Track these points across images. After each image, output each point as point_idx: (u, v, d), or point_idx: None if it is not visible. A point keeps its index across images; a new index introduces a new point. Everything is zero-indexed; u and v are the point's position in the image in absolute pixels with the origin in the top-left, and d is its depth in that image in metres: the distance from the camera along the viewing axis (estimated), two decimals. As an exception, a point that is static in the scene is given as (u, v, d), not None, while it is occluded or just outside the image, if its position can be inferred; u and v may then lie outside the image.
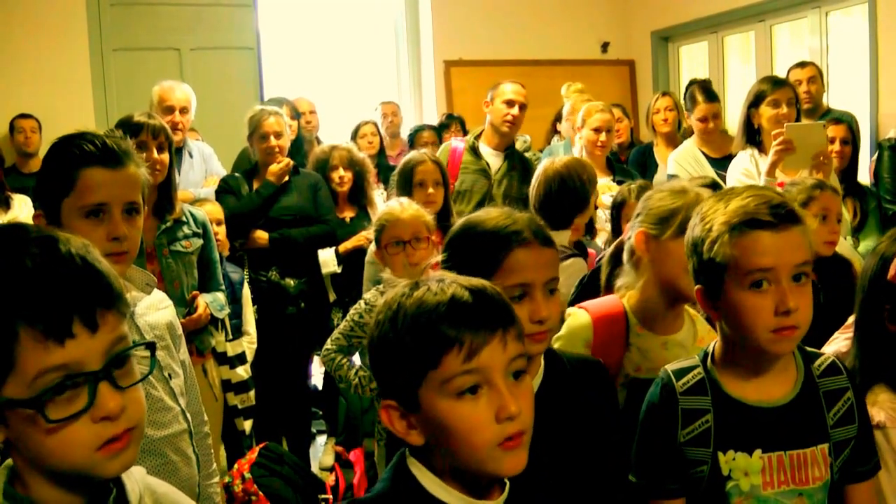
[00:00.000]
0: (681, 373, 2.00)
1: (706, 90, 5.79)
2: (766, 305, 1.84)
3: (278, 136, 5.15)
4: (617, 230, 4.03)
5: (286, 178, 5.11)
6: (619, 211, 4.08)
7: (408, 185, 4.56)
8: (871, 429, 2.06)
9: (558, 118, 7.20)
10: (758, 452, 1.91)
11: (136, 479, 1.44)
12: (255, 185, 5.15)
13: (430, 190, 4.50)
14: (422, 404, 1.44)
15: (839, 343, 2.67)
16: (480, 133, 5.54)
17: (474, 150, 5.40)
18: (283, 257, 5.11)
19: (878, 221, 5.07)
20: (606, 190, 4.97)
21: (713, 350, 2.02)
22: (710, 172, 4.96)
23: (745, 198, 1.90)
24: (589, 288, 3.06)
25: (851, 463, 1.98)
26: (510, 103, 5.39)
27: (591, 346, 2.51)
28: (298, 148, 6.12)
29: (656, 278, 2.50)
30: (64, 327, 1.23)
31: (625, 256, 2.64)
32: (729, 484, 1.91)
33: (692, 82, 6.64)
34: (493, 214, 2.07)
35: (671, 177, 5.28)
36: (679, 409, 1.95)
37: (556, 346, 2.50)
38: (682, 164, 5.49)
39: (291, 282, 5.10)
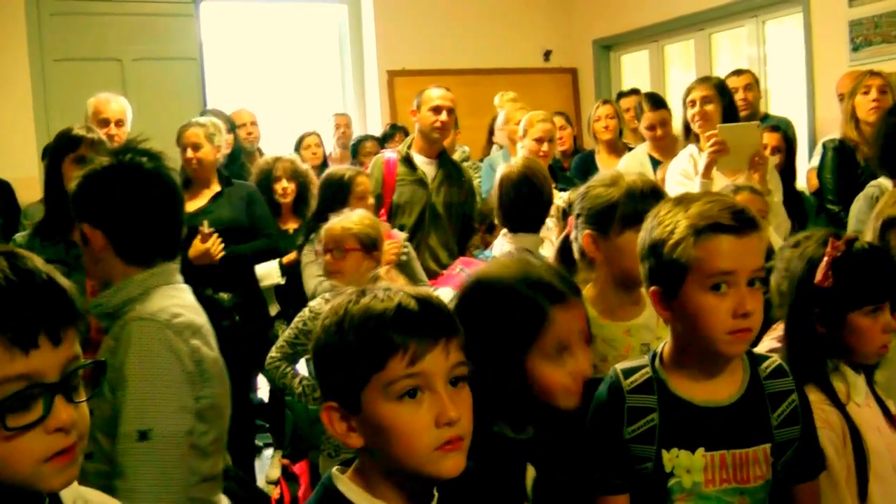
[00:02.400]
0: (629, 372, 2.03)
1: (653, 99, 5.86)
2: (725, 307, 1.89)
3: (195, 147, 5.09)
4: None
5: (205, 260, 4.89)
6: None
7: (345, 197, 4.56)
8: (815, 430, 2.10)
9: (492, 129, 7.25)
10: (701, 451, 1.94)
11: (71, 487, 1.44)
12: (185, 199, 5.06)
13: (371, 201, 4.52)
14: (364, 406, 1.46)
15: (766, 345, 2.71)
16: (412, 142, 5.45)
17: (408, 161, 5.30)
18: (218, 271, 5.01)
19: (825, 223, 5.12)
20: (549, 199, 5.00)
21: (662, 350, 2.05)
22: (651, 175, 5.02)
23: (706, 202, 1.94)
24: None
25: (795, 463, 2.02)
26: (437, 109, 5.25)
27: None
28: (234, 159, 6.10)
29: (611, 272, 2.53)
30: (30, 337, 1.25)
31: (576, 256, 2.67)
32: (671, 481, 1.95)
33: (629, 92, 6.75)
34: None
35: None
36: (625, 407, 1.98)
37: None
38: (627, 165, 5.62)
39: (225, 295, 5.05)
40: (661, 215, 1.99)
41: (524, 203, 3.95)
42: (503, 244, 3.95)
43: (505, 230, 4.00)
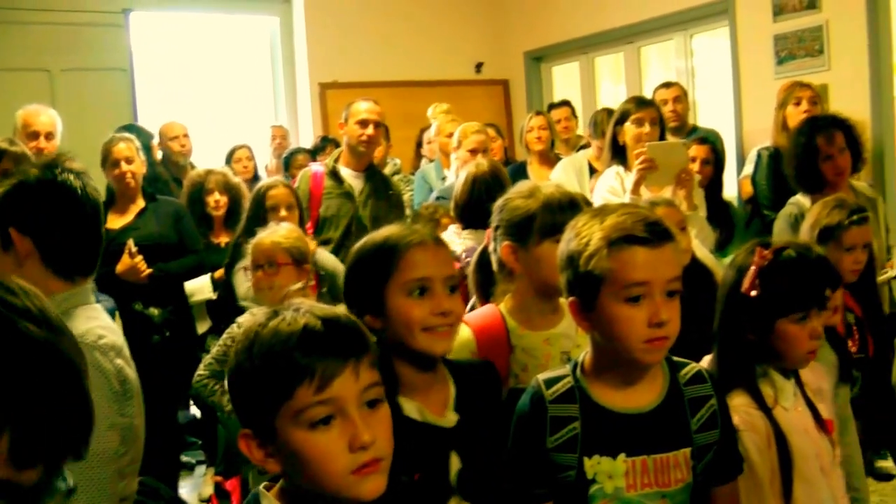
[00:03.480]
0: (551, 382, 2.06)
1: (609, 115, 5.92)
2: (640, 317, 1.92)
3: (129, 161, 5.06)
4: None
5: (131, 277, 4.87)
6: None
7: (260, 210, 4.54)
8: (734, 433, 2.15)
9: (420, 141, 7.28)
10: (622, 456, 1.98)
11: None
12: (109, 216, 5.01)
13: (283, 213, 4.49)
14: (277, 434, 1.45)
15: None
16: (339, 155, 5.41)
17: (334, 174, 5.26)
18: (148, 287, 4.97)
19: (759, 230, 5.19)
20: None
21: (583, 360, 2.08)
22: (587, 184, 5.07)
23: (621, 214, 1.97)
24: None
25: (715, 466, 2.07)
26: (364, 123, 5.22)
27: (477, 356, 2.58)
28: (157, 176, 6.06)
29: (530, 282, 2.56)
30: None
31: (495, 268, 2.69)
32: (593, 487, 1.98)
33: (559, 103, 6.80)
34: (390, 227, 2.16)
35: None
36: (548, 416, 2.01)
37: None
38: (565, 168, 5.71)
39: (156, 311, 5.01)
40: (578, 227, 2.02)
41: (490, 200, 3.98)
42: (453, 238, 3.97)
43: (456, 226, 4.02)
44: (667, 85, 6.46)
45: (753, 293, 2.35)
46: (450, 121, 6.21)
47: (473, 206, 3.98)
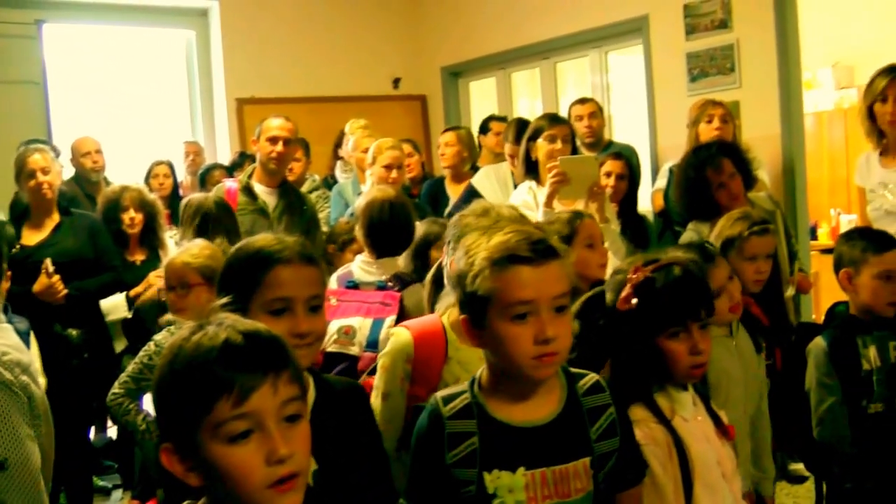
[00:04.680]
0: (449, 398, 2.07)
1: (521, 130, 5.95)
2: (527, 335, 1.94)
3: (45, 171, 4.98)
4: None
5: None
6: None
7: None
8: (634, 440, 2.18)
9: (336, 156, 7.27)
10: (521, 470, 1.99)
11: None
12: (24, 231, 4.94)
13: None
14: (198, 448, 1.45)
15: None
16: (253, 172, 5.39)
17: (248, 190, 5.25)
18: (66, 307, 4.89)
19: (672, 243, 5.25)
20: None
21: (480, 376, 2.10)
22: (511, 194, 5.11)
23: (506, 233, 1.99)
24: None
25: (616, 473, 2.10)
26: (274, 140, 5.22)
27: (413, 360, 2.72)
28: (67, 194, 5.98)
29: None
30: None
31: (445, 281, 2.75)
32: (494, 502, 1.99)
33: (489, 119, 6.84)
34: (263, 237, 2.20)
35: (473, 192, 5.42)
36: (446, 433, 2.02)
37: (380, 362, 2.78)
38: (487, 174, 5.78)
39: (74, 332, 4.93)
40: (467, 246, 2.05)
41: (394, 227, 4.01)
42: (366, 268, 3.99)
43: (366, 254, 4.03)
44: (582, 101, 6.53)
45: (626, 308, 2.40)
46: (366, 136, 6.21)
47: (379, 233, 4.01)
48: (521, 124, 6.04)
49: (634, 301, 2.40)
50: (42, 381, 4.27)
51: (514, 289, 1.94)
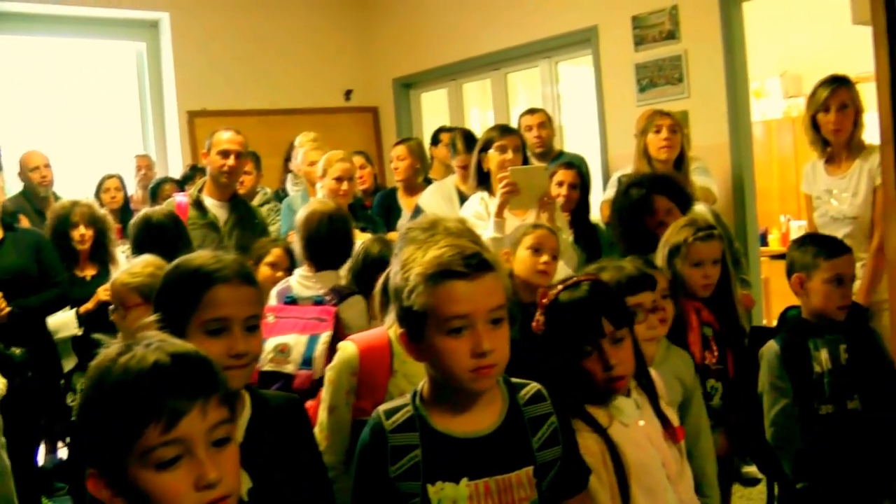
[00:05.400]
0: (391, 412, 2.07)
1: (468, 140, 5.97)
2: (463, 349, 1.94)
3: None
4: None
5: None
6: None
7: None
8: (577, 447, 2.19)
9: (286, 170, 7.24)
10: (465, 481, 1.99)
11: None
12: None
13: None
14: (125, 474, 1.43)
15: None
16: (203, 185, 5.32)
17: (198, 204, 5.18)
18: (8, 325, 4.79)
19: (622, 254, 5.27)
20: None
21: (422, 388, 2.10)
22: (457, 209, 5.12)
23: (441, 247, 1.99)
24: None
25: (560, 480, 2.10)
26: (225, 153, 5.16)
27: (358, 374, 2.73)
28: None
29: None
30: None
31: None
32: None
33: (440, 130, 6.84)
34: (201, 255, 2.17)
35: (418, 209, 5.43)
36: (388, 446, 2.02)
37: (326, 376, 2.78)
38: (433, 193, 5.74)
39: (17, 350, 4.85)
40: (403, 260, 2.05)
41: (321, 242, 3.99)
42: (304, 283, 3.97)
43: (305, 268, 4.01)
44: (531, 111, 6.57)
45: (539, 329, 2.43)
46: (314, 149, 6.19)
47: (317, 246, 4.01)
48: (467, 135, 6.08)
49: (544, 324, 2.43)
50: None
51: (449, 304, 1.94)
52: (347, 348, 2.79)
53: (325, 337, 3.55)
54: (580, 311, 2.39)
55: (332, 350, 3.43)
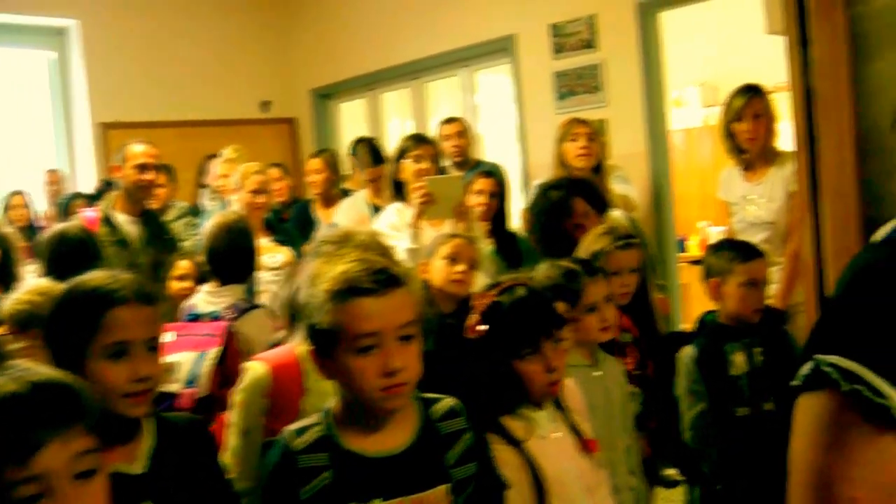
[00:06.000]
0: (301, 431, 2.00)
1: (374, 152, 5.91)
2: (372, 368, 1.88)
3: None
4: None
5: None
6: None
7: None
8: (492, 462, 2.15)
9: (200, 184, 7.14)
10: (377, 501, 1.93)
11: None
12: None
13: None
14: None
15: None
16: (113, 200, 5.13)
17: (108, 221, 4.97)
18: None
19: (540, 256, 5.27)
20: (266, 252, 4.94)
21: (333, 406, 2.04)
22: (369, 222, 5.06)
23: (348, 262, 1.93)
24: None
25: (476, 497, 2.05)
26: (143, 167, 4.98)
27: (270, 394, 2.61)
28: None
29: None
30: None
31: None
32: None
33: (360, 140, 6.77)
34: (96, 275, 2.07)
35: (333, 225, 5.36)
36: (297, 468, 1.95)
37: (236, 398, 2.63)
38: (346, 209, 5.71)
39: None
40: (309, 276, 1.99)
41: (225, 255, 3.92)
42: (209, 298, 3.88)
43: (211, 284, 3.93)
44: (449, 120, 6.54)
45: (475, 334, 2.38)
46: (228, 160, 6.10)
47: (224, 259, 3.93)
48: (373, 147, 6.04)
49: (483, 327, 2.38)
50: None
51: (357, 321, 1.88)
52: (257, 368, 2.68)
53: (212, 353, 3.45)
54: (524, 311, 2.38)
55: (220, 367, 3.36)
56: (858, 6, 2.69)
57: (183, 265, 4.53)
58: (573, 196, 4.17)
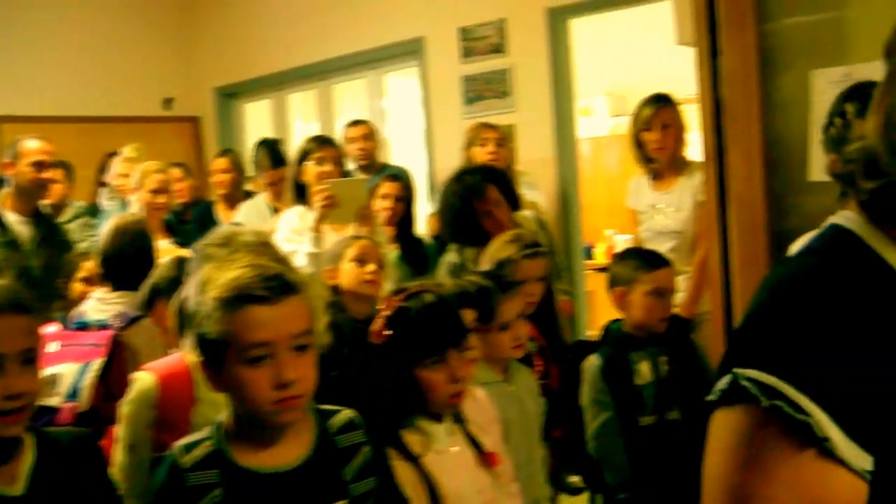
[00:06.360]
0: (190, 447, 1.90)
1: (274, 155, 5.80)
2: (265, 379, 1.80)
3: None
4: None
5: None
6: None
7: None
8: (392, 477, 2.09)
9: (99, 182, 6.94)
10: None
11: None
12: None
13: None
14: None
15: None
16: (3, 199, 4.89)
17: None
18: None
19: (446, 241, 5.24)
20: (166, 255, 4.80)
21: (224, 420, 1.94)
22: (272, 223, 4.96)
23: (240, 268, 1.83)
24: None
25: None
26: (39, 165, 4.81)
27: (158, 406, 2.49)
28: None
29: None
30: None
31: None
32: None
33: (262, 142, 6.64)
34: None
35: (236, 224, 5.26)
36: (186, 486, 1.84)
37: (124, 411, 2.50)
38: (246, 213, 5.61)
39: None
40: (198, 281, 1.88)
41: (124, 259, 3.78)
42: (100, 305, 3.73)
43: (104, 289, 3.78)
44: (356, 123, 6.45)
45: (379, 340, 2.31)
46: (126, 159, 5.94)
47: (121, 264, 3.79)
48: (272, 150, 5.93)
49: (388, 332, 2.31)
50: None
51: (249, 331, 1.79)
52: (145, 379, 2.56)
53: (96, 365, 3.27)
54: (430, 319, 2.30)
55: (104, 379, 3.22)
56: (768, 23, 2.71)
57: (88, 266, 4.35)
58: (488, 183, 4.17)
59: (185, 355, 2.53)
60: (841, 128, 2.31)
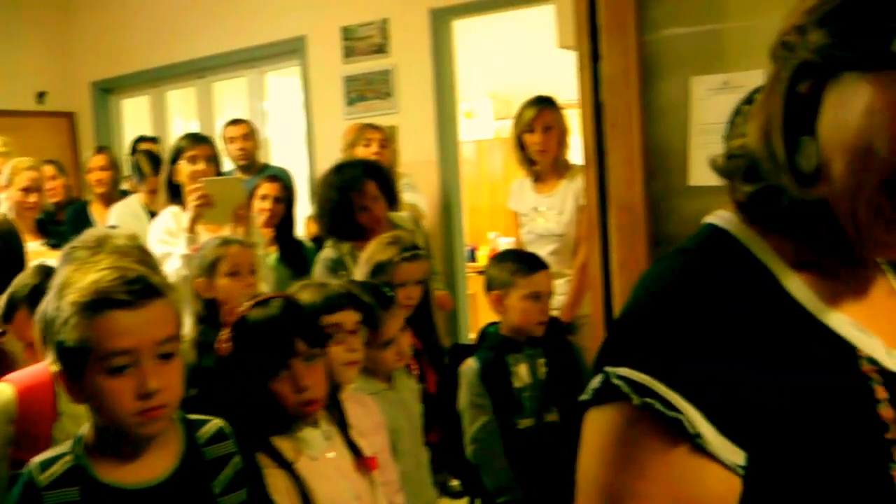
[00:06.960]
0: (47, 463, 1.79)
1: (154, 161, 5.66)
2: (127, 389, 1.72)
3: None
4: None
5: None
6: None
7: None
8: (264, 487, 2.03)
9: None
10: None
11: None
12: None
13: None
14: None
15: None
16: None
17: None
18: None
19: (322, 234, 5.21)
20: (37, 257, 4.64)
21: (85, 433, 1.85)
22: (146, 228, 4.84)
23: (100, 270, 1.75)
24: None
25: None
26: None
27: (17, 420, 2.36)
28: None
29: None
30: None
31: None
32: None
33: (142, 150, 6.47)
34: None
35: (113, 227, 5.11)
36: None
37: None
38: (120, 214, 5.45)
39: None
40: (57, 285, 1.80)
41: (2, 258, 3.63)
42: None
43: None
44: (235, 122, 6.35)
45: (224, 351, 2.26)
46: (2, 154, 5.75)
47: None
48: (153, 156, 5.81)
49: (228, 345, 2.25)
50: None
51: (109, 338, 1.71)
52: (2, 392, 2.44)
53: None
54: (271, 329, 2.23)
55: None
56: (647, 32, 2.74)
57: None
58: (367, 177, 4.16)
59: (49, 366, 2.43)
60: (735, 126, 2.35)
